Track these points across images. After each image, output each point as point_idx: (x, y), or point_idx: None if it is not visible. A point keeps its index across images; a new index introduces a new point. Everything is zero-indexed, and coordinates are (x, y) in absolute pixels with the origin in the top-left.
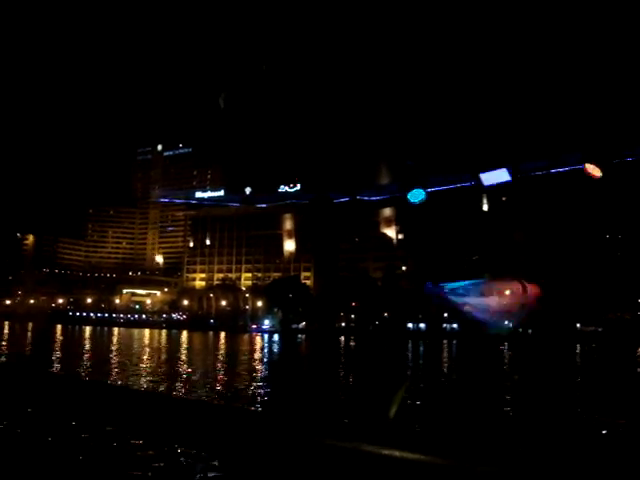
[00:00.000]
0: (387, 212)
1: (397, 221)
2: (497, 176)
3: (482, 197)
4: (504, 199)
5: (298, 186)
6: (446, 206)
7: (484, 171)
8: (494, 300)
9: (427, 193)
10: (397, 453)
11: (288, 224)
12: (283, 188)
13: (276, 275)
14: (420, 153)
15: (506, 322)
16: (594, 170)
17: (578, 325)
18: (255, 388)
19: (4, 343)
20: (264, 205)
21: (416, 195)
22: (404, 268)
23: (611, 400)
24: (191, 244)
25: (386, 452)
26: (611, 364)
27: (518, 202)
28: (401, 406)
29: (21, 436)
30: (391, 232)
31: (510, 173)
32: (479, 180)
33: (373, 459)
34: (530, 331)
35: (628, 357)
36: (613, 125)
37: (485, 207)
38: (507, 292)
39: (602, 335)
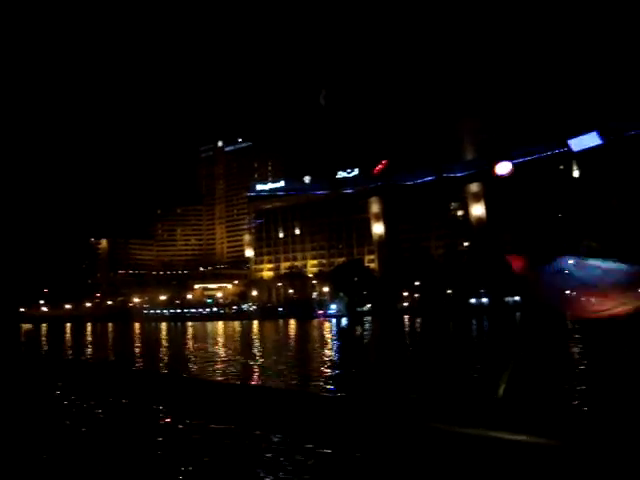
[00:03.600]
0: (473, 187)
1: (459, 198)
2: (587, 140)
3: (573, 164)
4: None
5: (356, 171)
6: (534, 177)
7: (573, 136)
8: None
9: (513, 164)
10: (506, 435)
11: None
12: (341, 174)
13: (340, 260)
14: (503, 123)
15: None
16: None
17: None
18: (336, 372)
19: (97, 342)
20: (350, 190)
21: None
22: (466, 244)
23: None
24: (256, 236)
25: (494, 434)
26: None
27: (614, 166)
28: (509, 385)
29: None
30: (478, 208)
31: (601, 136)
32: (568, 146)
33: (483, 442)
34: None
35: None
36: None
37: (577, 174)
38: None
39: None
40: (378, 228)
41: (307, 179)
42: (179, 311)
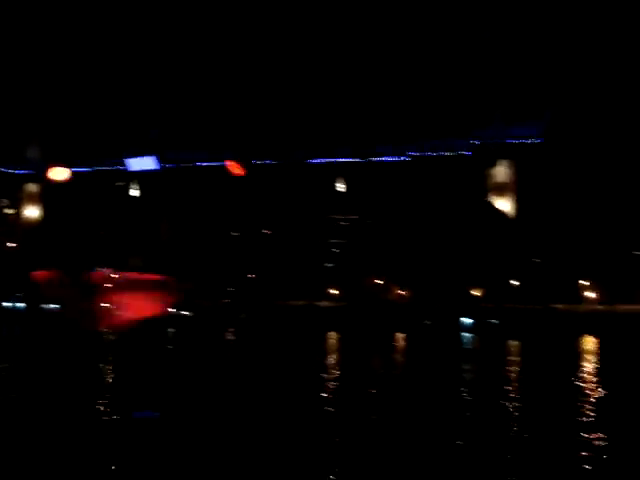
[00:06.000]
0: (32, 188)
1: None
2: (145, 163)
3: (130, 182)
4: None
5: None
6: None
7: (133, 156)
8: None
9: (73, 172)
10: None
11: None
12: None
13: None
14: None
15: None
16: (236, 168)
17: (171, 310)
18: None
19: None
20: None
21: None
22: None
23: None
24: None
25: None
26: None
27: (167, 192)
28: None
29: None
30: (33, 209)
31: (158, 161)
32: (125, 164)
33: None
34: None
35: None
36: (255, 128)
37: (133, 193)
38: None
39: (193, 319)
40: None
41: None
42: None
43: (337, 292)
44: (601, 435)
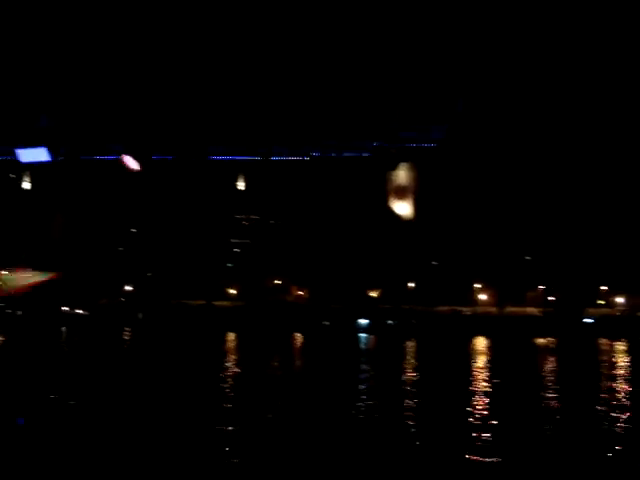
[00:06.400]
0: None
1: None
2: (35, 154)
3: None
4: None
5: None
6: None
7: (23, 147)
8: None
9: None
10: None
11: None
12: None
13: None
14: None
15: None
16: (131, 162)
17: (65, 308)
18: None
19: None
20: None
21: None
22: None
23: None
24: None
25: None
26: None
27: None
28: None
29: None
30: None
31: (50, 153)
32: (16, 155)
33: None
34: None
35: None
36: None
37: (25, 186)
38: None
39: (88, 318)
40: None
41: None
42: None
43: (236, 292)
44: (490, 422)
